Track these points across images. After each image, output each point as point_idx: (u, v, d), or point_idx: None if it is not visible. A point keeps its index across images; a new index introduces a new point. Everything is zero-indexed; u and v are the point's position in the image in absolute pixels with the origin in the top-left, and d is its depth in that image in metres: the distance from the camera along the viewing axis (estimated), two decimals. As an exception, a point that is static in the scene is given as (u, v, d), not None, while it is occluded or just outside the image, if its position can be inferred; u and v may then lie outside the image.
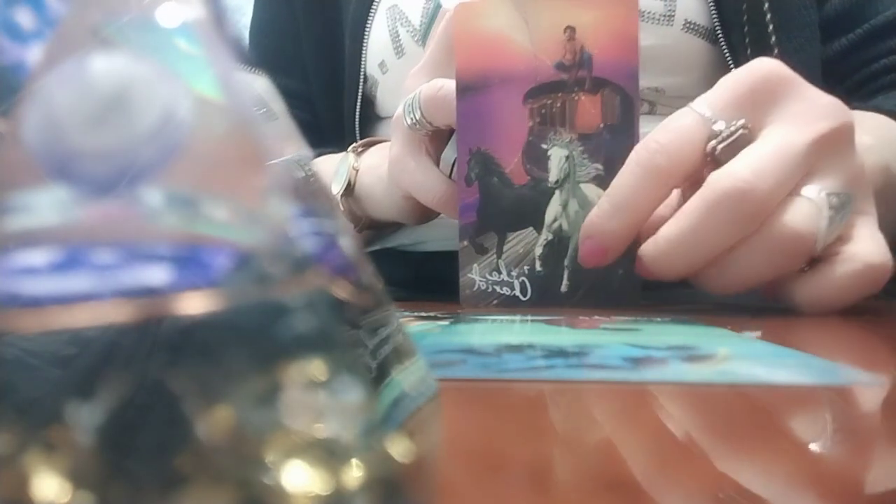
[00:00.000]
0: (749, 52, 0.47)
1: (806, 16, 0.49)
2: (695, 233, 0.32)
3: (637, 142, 0.37)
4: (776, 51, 0.47)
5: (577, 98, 0.38)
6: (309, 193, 0.12)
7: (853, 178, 0.33)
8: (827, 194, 0.32)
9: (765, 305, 0.35)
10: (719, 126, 0.33)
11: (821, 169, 0.32)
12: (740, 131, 0.33)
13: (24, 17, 0.11)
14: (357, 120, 0.57)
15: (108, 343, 0.08)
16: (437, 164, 0.44)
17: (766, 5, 0.47)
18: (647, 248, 0.34)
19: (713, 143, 0.33)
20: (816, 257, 0.33)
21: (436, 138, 0.43)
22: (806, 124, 0.32)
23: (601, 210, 0.35)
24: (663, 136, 0.34)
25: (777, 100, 0.33)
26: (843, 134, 0.33)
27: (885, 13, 0.51)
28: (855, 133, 0.33)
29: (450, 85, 0.39)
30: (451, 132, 0.43)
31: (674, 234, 0.33)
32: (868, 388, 0.16)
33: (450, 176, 0.42)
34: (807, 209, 0.32)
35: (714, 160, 0.33)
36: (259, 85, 0.14)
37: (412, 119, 0.42)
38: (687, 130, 0.33)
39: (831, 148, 0.32)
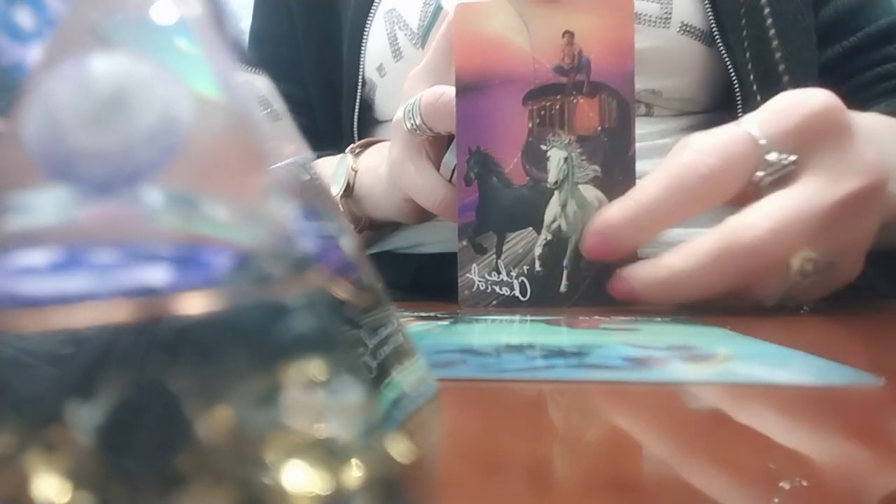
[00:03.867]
0: (748, 54, 0.47)
1: (804, 19, 0.49)
2: (699, 276, 0.32)
3: (633, 144, 0.38)
4: (778, 54, 0.47)
5: (575, 101, 0.38)
6: (311, 195, 0.12)
7: (853, 243, 0.33)
8: (805, 259, 0.32)
9: (764, 306, 0.35)
10: (772, 157, 0.32)
11: (827, 232, 0.32)
12: (790, 167, 0.32)
13: (24, 17, 0.11)
14: (355, 124, 0.57)
15: (108, 343, 0.08)
16: (438, 167, 0.44)
17: (767, 9, 0.47)
18: (647, 272, 0.33)
19: (761, 174, 0.32)
20: None
21: (436, 142, 0.43)
22: (840, 180, 0.32)
23: (622, 212, 0.34)
24: (713, 161, 0.32)
25: (825, 142, 0.32)
26: (870, 193, 0.32)
27: (879, 21, 0.51)
28: (884, 190, 0.33)
29: (450, 92, 0.40)
30: (451, 137, 0.43)
31: (678, 269, 0.32)
32: (868, 388, 0.16)
33: (450, 180, 0.42)
34: (779, 278, 0.32)
35: (756, 189, 0.33)
36: (261, 85, 0.14)
37: (412, 124, 0.42)
38: (739, 159, 0.32)
39: (853, 208, 0.32)
